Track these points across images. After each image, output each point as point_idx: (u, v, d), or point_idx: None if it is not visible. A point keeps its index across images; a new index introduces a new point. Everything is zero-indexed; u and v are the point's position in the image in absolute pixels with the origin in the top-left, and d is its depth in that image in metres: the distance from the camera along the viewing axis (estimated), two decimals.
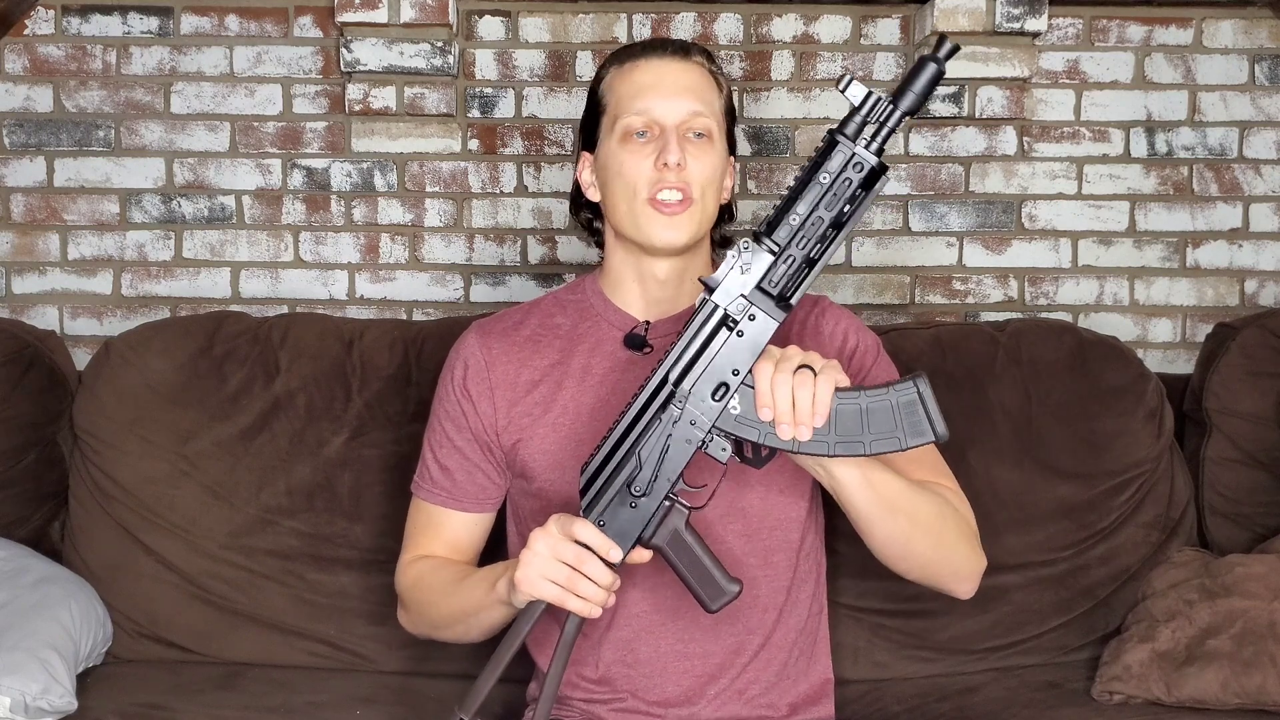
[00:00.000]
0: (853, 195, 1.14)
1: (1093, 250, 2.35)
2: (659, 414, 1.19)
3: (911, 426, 1.16)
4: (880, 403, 1.16)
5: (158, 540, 1.84)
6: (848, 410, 1.16)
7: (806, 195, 1.14)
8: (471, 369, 1.43)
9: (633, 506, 1.20)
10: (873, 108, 1.16)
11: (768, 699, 1.40)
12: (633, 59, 1.39)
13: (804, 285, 1.17)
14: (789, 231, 1.15)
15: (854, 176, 1.14)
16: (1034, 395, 1.90)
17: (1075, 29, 2.33)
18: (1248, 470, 1.95)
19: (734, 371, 1.17)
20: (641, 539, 1.21)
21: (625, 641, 1.38)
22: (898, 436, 1.16)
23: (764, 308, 1.16)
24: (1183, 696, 1.64)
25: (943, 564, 1.34)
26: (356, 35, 2.20)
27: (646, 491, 1.20)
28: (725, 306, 1.16)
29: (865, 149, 1.14)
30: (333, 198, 2.31)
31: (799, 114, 2.32)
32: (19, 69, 2.28)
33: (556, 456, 1.39)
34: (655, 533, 1.22)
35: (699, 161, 1.34)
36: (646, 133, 1.35)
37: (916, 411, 1.16)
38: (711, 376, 1.17)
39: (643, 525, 1.21)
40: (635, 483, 1.20)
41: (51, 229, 2.31)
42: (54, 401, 1.94)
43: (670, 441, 1.19)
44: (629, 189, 1.35)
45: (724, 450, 1.19)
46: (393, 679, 1.79)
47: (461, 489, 1.44)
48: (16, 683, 1.51)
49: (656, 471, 1.19)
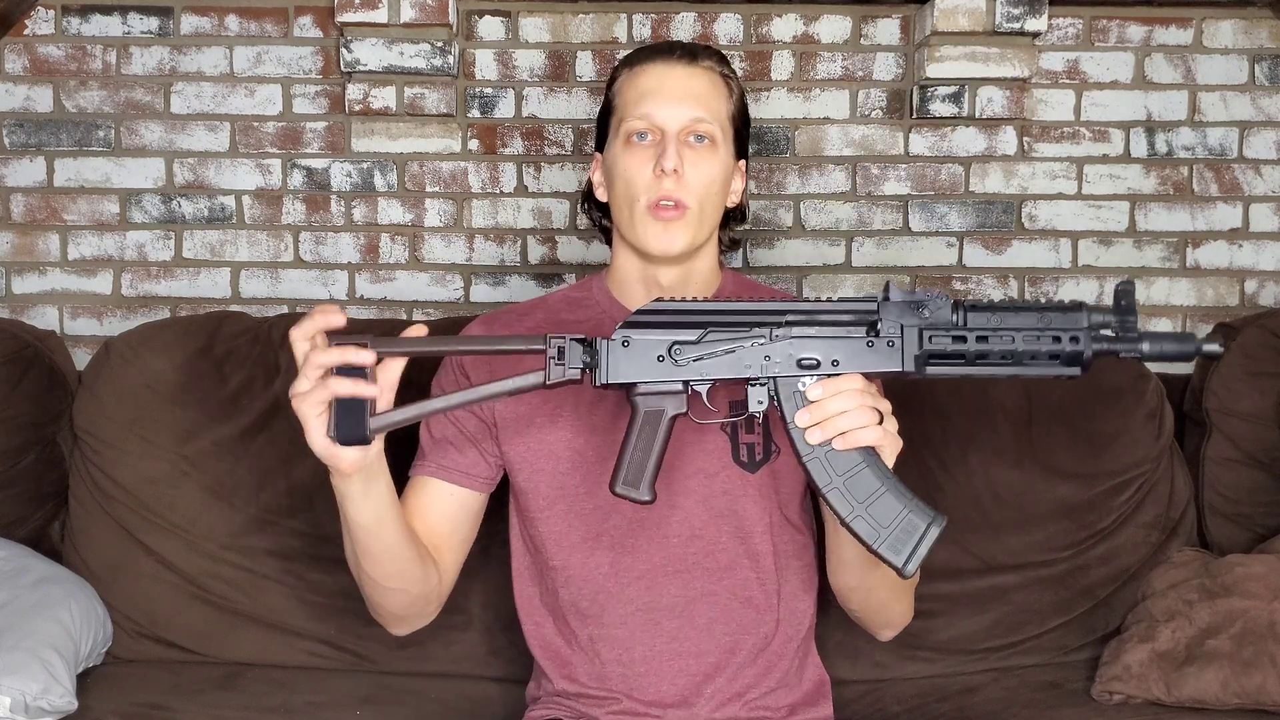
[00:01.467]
0: (1043, 353, 1.12)
1: (1093, 250, 2.35)
2: (754, 326, 1.18)
3: (895, 543, 1.15)
4: (895, 501, 1.15)
5: (158, 540, 1.84)
6: (868, 479, 1.16)
7: (1025, 314, 1.13)
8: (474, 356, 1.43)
9: (659, 359, 1.19)
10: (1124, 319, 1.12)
11: (766, 701, 1.40)
12: (641, 62, 1.40)
13: (945, 371, 1.15)
14: (982, 324, 1.13)
15: (1065, 343, 1.12)
16: (1034, 395, 1.90)
17: (1075, 29, 2.33)
18: (1248, 470, 1.95)
19: (834, 362, 1.16)
20: (633, 386, 1.20)
21: (620, 641, 1.38)
22: (879, 535, 1.16)
23: (906, 348, 1.15)
24: (1183, 696, 1.64)
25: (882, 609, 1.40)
26: (356, 35, 2.20)
27: (680, 363, 1.18)
28: (883, 316, 1.15)
29: (1092, 343, 1.12)
30: (333, 198, 2.31)
31: (799, 114, 2.32)
32: (19, 69, 2.28)
33: (551, 447, 1.39)
34: (647, 395, 1.20)
35: (697, 169, 1.34)
36: (648, 135, 1.35)
37: (910, 538, 1.15)
38: (815, 348, 1.17)
39: (648, 378, 1.19)
40: (681, 349, 1.19)
41: (51, 229, 2.31)
42: (54, 401, 1.94)
43: (738, 349, 1.18)
44: (629, 193, 1.35)
45: (761, 403, 1.18)
46: (393, 679, 1.79)
47: (452, 459, 1.41)
48: (16, 683, 1.51)
49: (702, 357, 1.18)
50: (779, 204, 2.33)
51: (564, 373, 1.17)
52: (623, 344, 1.19)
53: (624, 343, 1.19)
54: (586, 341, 1.18)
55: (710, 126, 1.36)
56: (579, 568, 1.39)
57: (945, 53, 2.22)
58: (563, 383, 1.17)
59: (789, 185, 2.33)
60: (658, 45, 1.42)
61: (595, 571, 1.39)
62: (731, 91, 1.41)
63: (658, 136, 1.35)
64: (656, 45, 1.42)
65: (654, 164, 1.33)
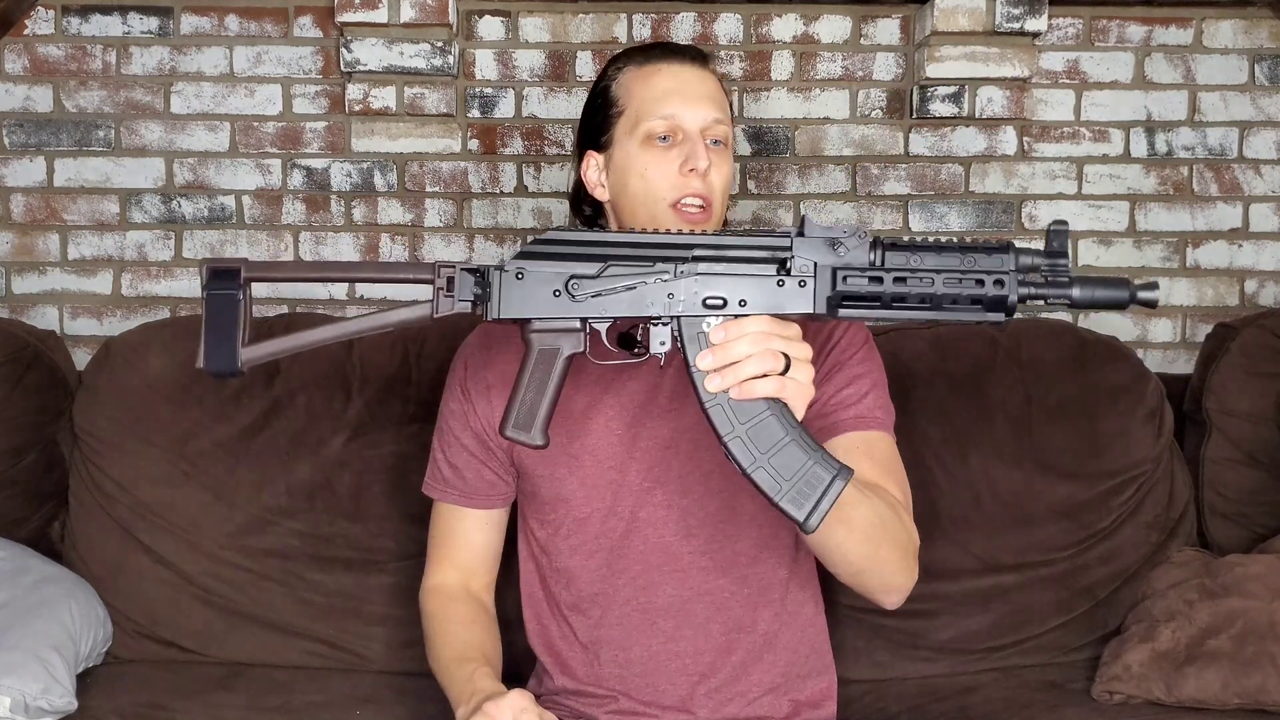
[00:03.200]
0: (967, 297, 1.06)
1: (1093, 250, 2.35)
2: (659, 260, 1.12)
3: (797, 494, 1.08)
4: (799, 451, 1.08)
5: (158, 540, 1.84)
6: (772, 428, 1.08)
7: (943, 257, 1.06)
8: (470, 369, 1.44)
9: (555, 294, 1.13)
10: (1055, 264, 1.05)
11: (769, 700, 1.40)
12: (653, 61, 1.39)
13: (859, 313, 1.09)
14: (900, 264, 1.07)
15: (989, 286, 1.06)
16: (1034, 395, 1.90)
17: (1075, 29, 2.33)
18: (1248, 470, 1.95)
19: (740, 301, 1.10)
20: (526, 322, 1.14)
21: (616, 642, 1.39)
22: (780, 487, 1.08)
23: (818, 289, 1.09)
24: (1183, 696, 1.64)
25: (872, 574, 1.26)
26: (356, 35, 2.20)
27: (577, 299, 1.13)
28: (796, 254, 1.10)
29: (1019, 287, 1.05)
30: (333, 198, 2.31)
31: (799, 114, 2.32)
32: (19, 69, 2.28)
33: (549, 454, 1.39)
34: (542, 332, 1.14)
35: (719, 170, 1.36)
36: (669, 137, 1.35)
37: (813, 491, 1.08)
38: (722, 286, 1.11)
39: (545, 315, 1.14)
40: (579, 284, 1.13)
41: (51, 229, 2.31)
42: (54, 401, 1.94)
43: (640, 286, 1.12)
44: (651, 193, 1.35)
45: (663, 344, 1.12)
46: (393, 679, 1.79)
47: (471, 486, 1.44)
48: (16, 683, 1.51)
49: (600, 293, 1.12)
50: (779, 204, 2.33)
51: (453, 305, 1.13)
52: (516, 275, 1.13)
53: (518, 274, 1.13)
54: (478, 271, 1.14)
55: (726, 129, 1.38)
56: (579, 569, 1.39)
57: (945, 53, 2.23)
58: (450, 315, 1.12)
59: (789, 185, 2.33)
60: (663, 45, 1.42)
61: (593, 573, 1.39)
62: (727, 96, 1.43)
63: (679, 137, 1.35)
64: (661, 45, 1.42)
65: (680, 163, 1.34)
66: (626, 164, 1.38)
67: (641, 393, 1.38)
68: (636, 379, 1.38)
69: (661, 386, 1.38)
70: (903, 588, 1.30)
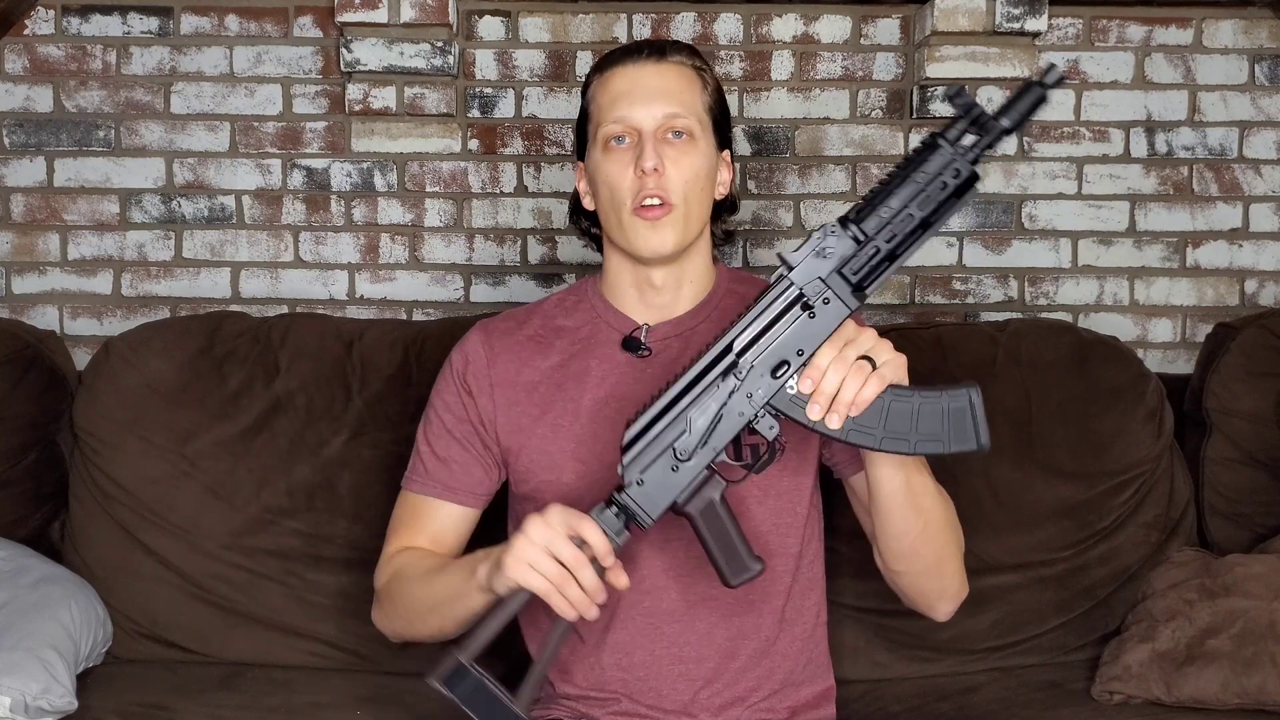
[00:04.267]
0: (944, 199, 1.14)
1: (1093, 250, 2.35)
2: (718, 381, 1.19)
3: (958, 433, 1.17)
4: (932, 405, 1.17)
5: (158, 540, 1.84)
6: (900, 409, 1.17)
7: (901, 191, 1.14)
8: (473, 364, 1.43)
9: (674, 470, 1.20)
10: (976, 119, 1.13)
11: (768, 704, 1.40)
12: (611, 66, 1.39)
13: (881, 278, 1.17)
14: (878, 223, 1.14)
15: (950, 181, 1.13)
16: (1034, 395, 1.90)
17: (1075, 29, 2.33)
18: (1248, 470, 1.95)
19: (798, 351, 1.17)
20: (676, 504, 1.21)
21: (620, 645, 1.38)
22: (943, 440, 1.17)
23: (839, 293, 1.16)
24: (1183, 696, 1.64)
25: (935, 576, 1.34)
26: (356, 35, 2.20)
27: (691, 456, 1.20)
28: (802, 286, 1.17)
29: (964, 156, 1.13)
30: (333, 198, 2.31)
31: (799, 114, 2.32)
32: (19, 69, 2.28)
33: (554, 458, 1.39)
34: (690, 500, 1.22)
35: (678, 165, 1.34)
36: (626, 138, 1.35)
37: (965, 419, 1.17)
38: (776, 353, 1.18)
39: (680, 490, 1.21)
40: (680, 447, 1.20)
41: (51, 229, 2.31)
42: (54, 401, 1.94)
43: (724, 411, 1.19)
44: (614, 198, 1.35)
45: (772, 428, 1.20)
46: (393, 679, 1.79)
47: (456, 479, 1.43)
48: (16, 682, 1.51)
49: (705, 438, 1.19)
50: (779, 204, 2.33)
51: (618, 545, 1.20)
52: (638, 484, 1.20)
53: (639, 483, 1.20)
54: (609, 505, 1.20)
55: (686, 121, 1.35)
56: None
57: (945, 53, 2.23)
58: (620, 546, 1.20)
59: (789, 185, 2.33)
60: (626, 47, 1.41)
61: None
62: (706, 84, 1.40)
63: (635, 138, 1.35)
64: (625, 47, 1.41)
65: (634, 165, 1.33)
66: (595, 172, 1.39)
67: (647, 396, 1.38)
68: (643, 382, 1.38)
69: None
70: (957, 595, 1.38)
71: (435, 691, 1.16)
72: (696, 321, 1.42)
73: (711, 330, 1.40)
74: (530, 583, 1.17)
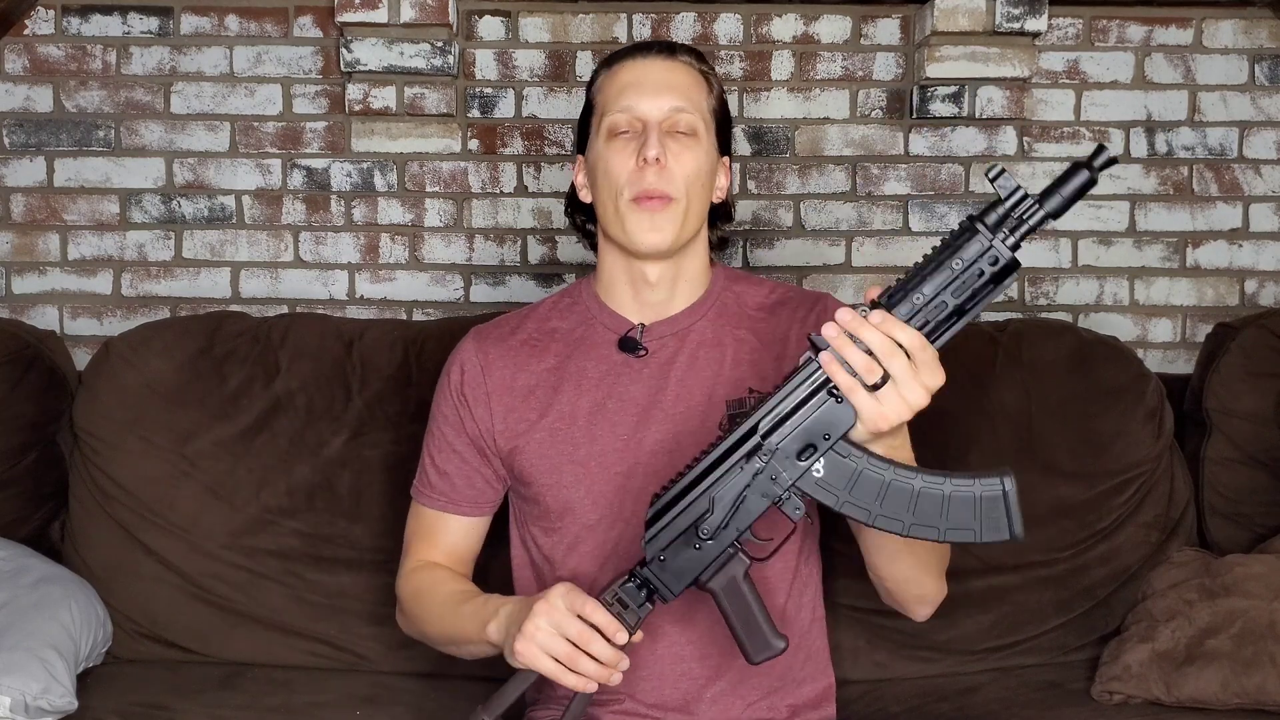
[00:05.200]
0: (980, 286, 1.09)
1: (1093, 250, 2.35)
2: (741, 463, 1.16)
3: (991, 523, 1.13)
4: (964, 493, 1.13)
5: (158, 540, 1.84)
6: (930, 495, 1.13)
7: (935, 277, 1.09)
8: (468, 374, 1.43)
9: (696, 548, 1.19)
10: (1018, 203, 1.08)
11: (768, 702, 1.40)
12: (620, 60, 1.40)
13: None
14: (910, 309, 1.09)
15: (987, 268, 1.08)
16: (1034, 395, 1.90)
17: (1075, 29, 2.33)
18: (1248, 470, 1.95)
19: (825, 436, 1.13)
20: (699, 581, 1.21)
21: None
22: (974, 530, 1.13)
23: None
24: (1182, 696, 1.64)
25: (915, 585, 1.33)
26: (356, 35, 2.20)
27: (713, 536, 1.18)
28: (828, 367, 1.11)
29: (1003, 243, 1.08)
30: (333, 198, 2.31)
31: (799, 114, 2.32)
32: (19, 69, 2.28)
33: (553, 461, 1.39)
34: (713, 578, 1.21)
35: (680, 160, 1.34)
36: (630, 130, 1.35)
37: (998, 509, 1.13)
38: (802, 436, 1.14)
39: (703, 568, 1.20)
40: (704, 525, 1.18)
41: (51, 229, 2.31)
42: (54, 401, 1.94)
43: (748, 492, 1.16)
44: (613, 187, 1.35)
45: (798, 510, 1.16)
46: (393, 679, 1.79)
47: (460, 493, 1.44)
48: (17, 682, 1.51)
49: (728, 519, 1.18)
50: (779, 204, 2.33)
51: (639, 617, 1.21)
52: (659, 560, 1.20)
53: (660, 559, 1.20)
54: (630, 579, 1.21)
55: (691, 117, 1.36)
56: (585, 575, 1.39)
57: (945, 53, 2.23)
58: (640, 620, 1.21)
59: (789, 185, 2.33)
60: (637, 44, 1.42)
61: (599, 577, 1.38)
62: (711, 87, 1.41)
63: (639, 129, 1.35)
64: (636, 44, 1.42)
65: (637, 155, 1.33)
66: (595, 161, 1.39)
67: (645, 396, 1.38)
68: (640, 382, 1.38)
69: (665, 389, 1.38)
70: (935, 600, 1.36)
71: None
72: (692, 320, 1.41)
73: (708, 330, 1.40)
74: (541, 667, 1.18)
